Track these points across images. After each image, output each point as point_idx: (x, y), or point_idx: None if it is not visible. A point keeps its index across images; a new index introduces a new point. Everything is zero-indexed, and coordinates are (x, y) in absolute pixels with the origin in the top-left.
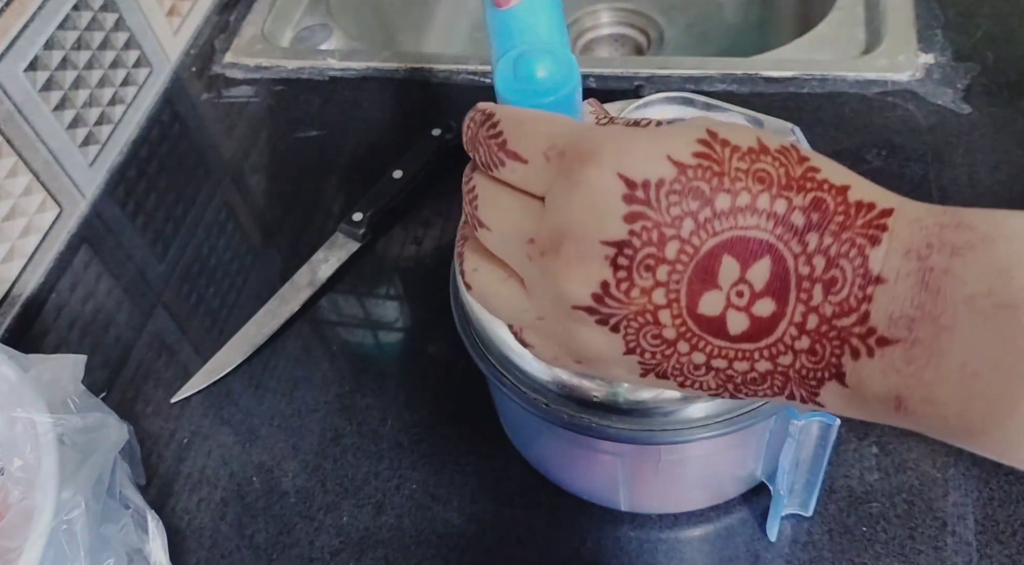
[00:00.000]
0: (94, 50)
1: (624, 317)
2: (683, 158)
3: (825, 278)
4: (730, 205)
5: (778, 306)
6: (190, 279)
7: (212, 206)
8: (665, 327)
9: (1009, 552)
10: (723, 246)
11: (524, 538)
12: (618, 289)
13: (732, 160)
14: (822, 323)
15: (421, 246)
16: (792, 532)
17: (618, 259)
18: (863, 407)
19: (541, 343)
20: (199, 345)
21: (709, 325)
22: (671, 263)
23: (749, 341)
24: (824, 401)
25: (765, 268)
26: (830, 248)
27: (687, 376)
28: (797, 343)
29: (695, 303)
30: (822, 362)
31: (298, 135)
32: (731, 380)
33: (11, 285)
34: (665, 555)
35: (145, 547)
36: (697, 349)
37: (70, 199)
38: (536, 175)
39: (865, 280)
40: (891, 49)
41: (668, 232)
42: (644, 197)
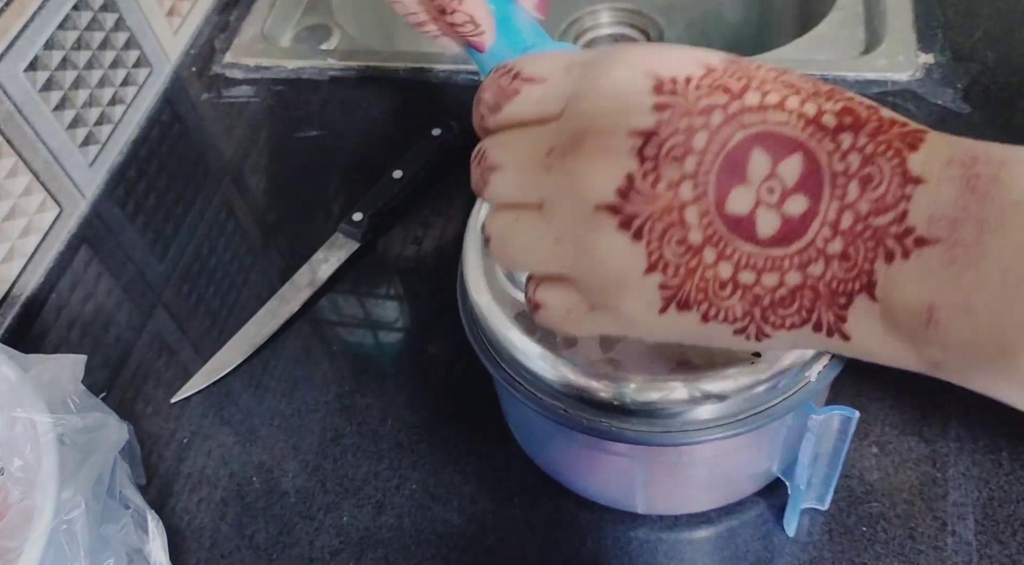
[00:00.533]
0: (94, 50)
1: (648, 218)
2: (713, 62)
3: (861, 174)
4: (759, 101)
5: (811, 203)
6: (190, 279)
7: (212, 206)
8: (691, 228)
9: (1009, 552)
10: (753, 139)
11: (524, 538)
12: (644, 181)
13: (760, 71)
14: (857, 221)
15: (421, 246)
16: (792, 531)
17: (645, 149)
18: (891, 331)
19: (554, 294)
20: (199, 345)
21: (738, 225)
22: (699, 153)
23: (779, 245)
24: (851, 329)
25: (797, 163)
26: (866, 147)
27: (711, 301)
28: (830, 246)
29: (723, 199)
30: (854, 269)
31: (298, 135)
32: (758, 302)
33: (11, 285)
34: (665, 555)
35: (145, 547)
36: (724, 257)
37: (70, 199)
38: (555, 90)
39: (904, 179)
40: (891, 49)
41: (697, 122)
42: (672, 89)
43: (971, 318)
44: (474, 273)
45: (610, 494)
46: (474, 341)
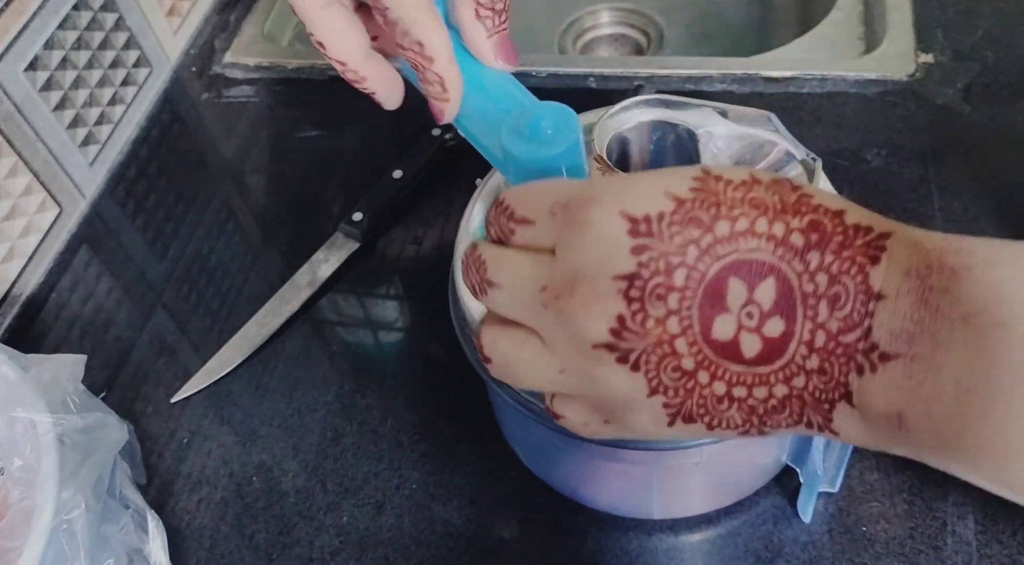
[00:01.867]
0: (94, 50)
1: (643, 351)
2: (680, 192)
3: (829, 294)
4: (730, 230)
5: (787, 325)
6: (190, 279)
7: (212, 206)
8: (683, 357)
9: (1009, 552)
10: (728, 269)
11: (524, 538)
12: (634, 321)
13: (727, 191)
14: (829, 340)
15: (421, 246)
16: (792, 531)
17: (630, 291)
18: (872, 430)
19: (571, 408)
20: (199, 345)
21: (724, 349)
22: (680, 290)
23: (764, 363)
24: (838, 427)
25: (771, 287)
26: (831, 266)
27: (712, 413)
28: (808, 362)
29: (708, 328)
30: (832, 381)
31: (298, 135)
32: (754, 411)
33: (11, 285)
34: (666, 554)
35: (145, 547)
36: (717, 378)
37: (70, 199)
38: (544, 231)
39: (867, 296)
40: (891, 49)
41: (674, 260)
42: (647, 230)
43: (934, 423)
44: None
45: (627, 504)
46: (468, 349)
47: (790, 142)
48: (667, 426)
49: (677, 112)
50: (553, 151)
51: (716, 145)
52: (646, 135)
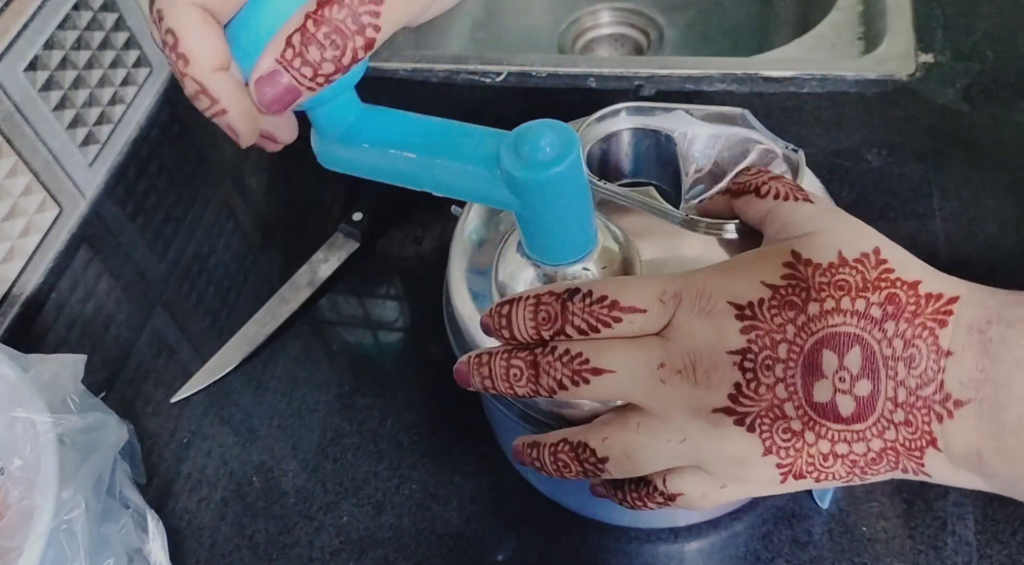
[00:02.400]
0: (94, 50)
1: (757, 414)
2: (774, 281)
3: (905, 356)
4: (820, 309)
5: (873, 384)
6: (190, 279)
7: (212, 206)
8: (791, 419)
9: (1009, 552)
10: (820, 342)
11: (524, 538)
12: (748, 388)
13: (815, 276)
14: (910, 395)
15: (421, 246)
16: (792, 531)
17: (744, 363)
18: (960, 471)
19: (687, 483)
20: (199, 345)
21: (824, 411)
22: (784, 361)
23: (859, 420)
24: (931, 471)
25: (857, 355)
26: (906, 332)
27: (820, 470)
28: (895, 416)
29: (810, 392)
30: (917, 431)
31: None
32: (856, 465)
33: (11, 285)
34: (666, 555)
35: (145, 547)
36: (821, 437)
37: (70, 199)
38: (654, 318)
39: (938, 354)
40: (891, 49)
41: (776, 337)
42: (752, 314)
43: (1005, 457)
44: (458, 285)
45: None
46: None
47: (768, 137)
48: (780, 484)
49: (651, 118)
50: (554, 170)
51: (696, 147)
52: (626, 142)
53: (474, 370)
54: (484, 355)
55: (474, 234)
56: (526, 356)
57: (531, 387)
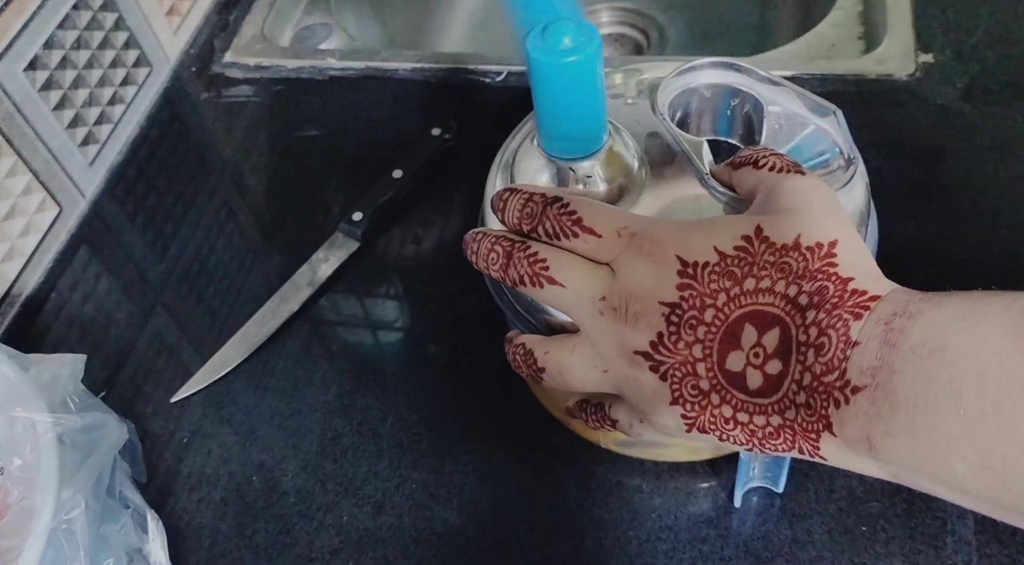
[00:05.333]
0: (94, 49)
1: (671, 365)
2: (726, 249)
3: (816, 343)
4: (755, 286)
5: (783, 365)
6: (190, 279)
7: (212, 206)
8: (701, 378)
9: (1009, 552)
10: (745, 316)
11: (524, 538)
12: (669, 340)
13: (764, 254)
14: (814, 379)
15: (421, 246)
16: (792, 531)
17: (671, 316)
18: (854, 454)
19: (621, 412)
20: (199, 345)
21: (733, 379)
22: (708, 325)
23: (762, 396)
24: (825, 454)
25: (775, 336)
26: (823, 321)
27: (721, 430)
28: (797, 397)
29: (723, 359)
30: (815, 415)
31: (298, 135)
32: (755, 435)
33: (11, 285)
34: (665, 555)
35: (145, 547)
36: (725, 402)
37: (70, 199)
38: (606, 247)
39: (846, 345)
40: (891, 49)
41: (708, 301)
42: (693, 274)
43: (893, 440)
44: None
45: None
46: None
47: (843, 141)
48: (685, 432)
49: (749, 80)
50: (568, 60)
51: (779, 123)
52: (716, 98)
53: (469, 242)
54: (480, 234)
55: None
56: (506, 245)
57: (500, 273)
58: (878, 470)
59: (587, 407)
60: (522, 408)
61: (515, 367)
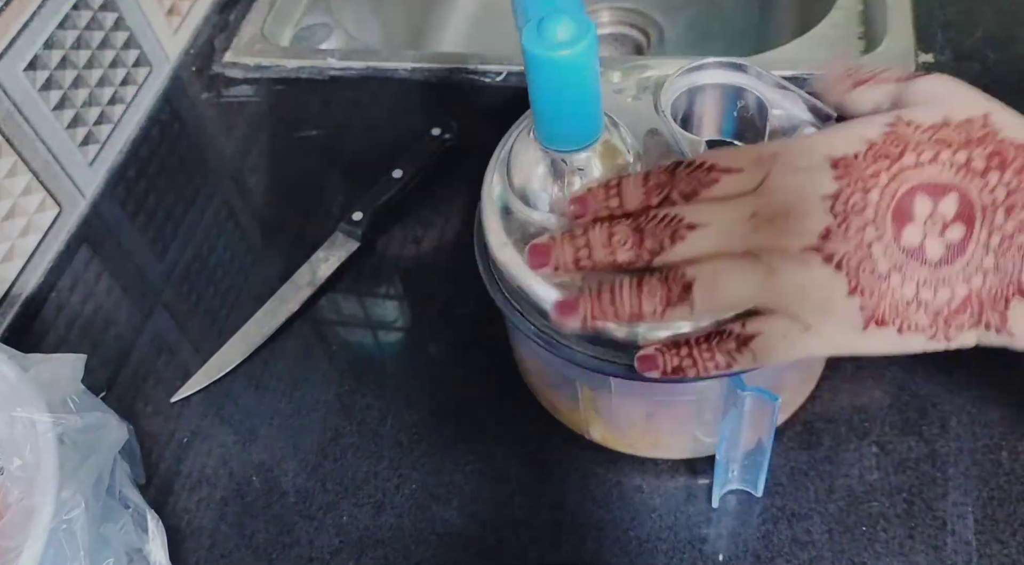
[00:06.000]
0: (94, 49)
1: (845, 253)
2: (873, 136)
3: (1006, 204)
4: (916, 160)
5: (967, 229)
6: (190, 279)
7: (212, 206)
8: (878, 261)
9: (1009, 552)
10: (914, 189)
11: (524, 538)
12: (839, 228)
13: (915, 133)
14: (1004, 240)
15: (421, 246)
16: (792, 531)
17: (835, 207)
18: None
19: (768, 323)
20: (199, 345)
21: (913, 253)
22: (875, 205)
23: (946, 265)
24: (1012, 327)
25: (953, 201)
26: (1011, 183)
27: (902, 317)
28: (985, 261)
29: (899, 234)
30: (1006, 278)
31: (298, 135)
32: (939, 315)
33: (11, 284)
34: (665, 554)
35: (145, 546)
36: (907, 279)
37: (70, 198)
38: (750, 176)
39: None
40: (891, 49)
41: (869, 183)
42: (846, 164)
43: None
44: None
45: None
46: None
47: None
48: (860, 330)
49: (755, 81)
50: (562, 53)
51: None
52: (721, 98)
53: (564, 244)
54: (577, 230)
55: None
56: (628, 223)
57: (635, 251)
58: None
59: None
60: (522, 408)
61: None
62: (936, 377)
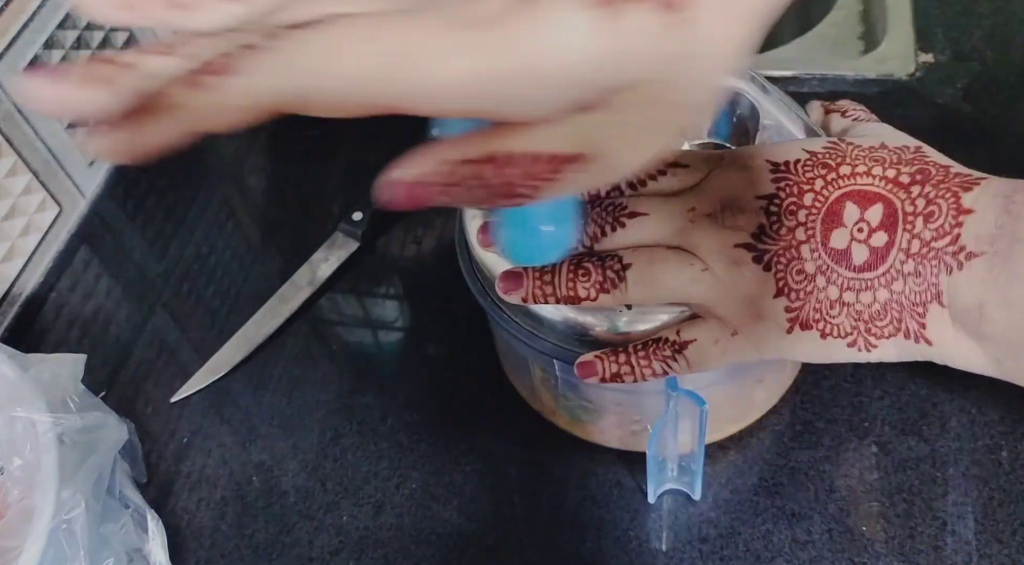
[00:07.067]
0: (94, 50)
1: (775, 253)
2: (815, 149)
3: (925, 212)
4: (851, 172)
5: (889, 236)
6: (190, 279)
7: (212, 206)
8: (806, 261)
9: (1009, 552)
10: (845, 196)
11: (524, 537)
12: (771, 229)
13: (854, 151)
14: (923, 246)
15: (421, 246)
16: (792, 531)
17: (770, 207)
18: (959, 331)
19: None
20: (199, 345)
21: (839, 256)
22: (808, 208)
23: (869, 270)
24: (930, 334)
25: (879, 210)
26: (929, 193)
27: (825, 319)
28: (905, 266)
29: (827, 237)
30: (925, 283)
31: (298, 135)
32: (861, 317)
33: (11, 284)
34: (665, 554)
35: (145, 546)
36: (831, 282)
37: (70, 198)
38: (693, 173)
39: (957, 211)
40: (891, 49)
41: (804, 188)
42: (786, 169)
43: (1009, 309)
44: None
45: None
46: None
47: None
48: (785, 333)
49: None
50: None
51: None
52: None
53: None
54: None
55: None
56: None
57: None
58: (981, 354)
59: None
60: (522, 408)
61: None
62: (936, 377)
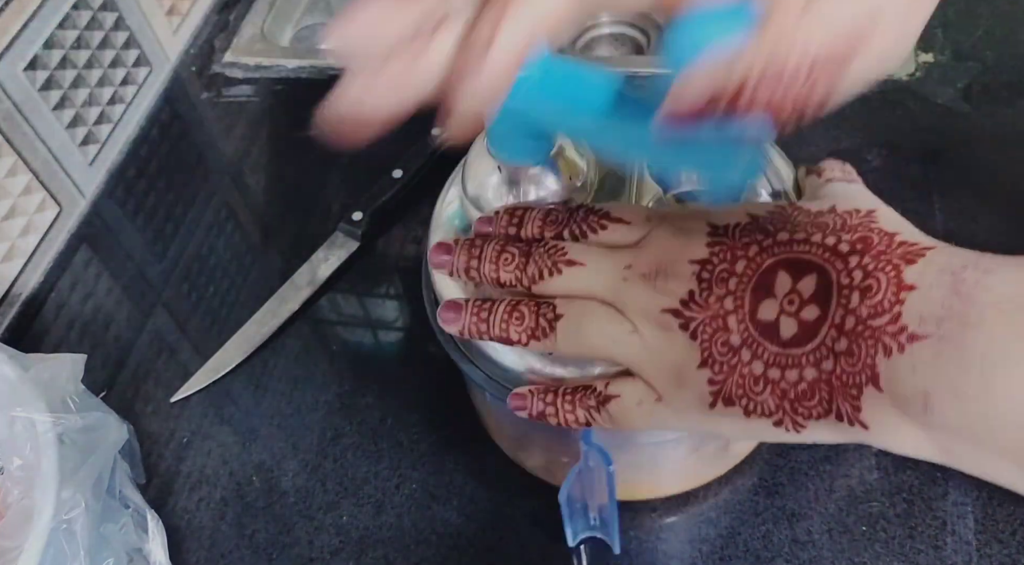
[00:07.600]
0: (93, 49)
1: (701, 321)
2: (758, 212)
3: (862, 286)
4: (789, 238)
5: (821, 310)
6: (190, 279)
7: (212, 206)
8: (731, 333)
9: (1009, 552)
10: (778, 264)
11: (524, 537)
12: (700, 296)
13: (798, 215)
14: (858, 323)
15: (421, 245)
16: (792, 531)
17: (702, 273)
18: (902, 418)
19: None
20: (199, 345)
21: (765, 329)
22: (739, 275)
23: (797, 345)
24: (867, 419)
25: (812, 281)
26: (868, 265)
27: (749, 396)
28: (837, 344)
29: (755, 309)
30: (859, 364)
31: (298, 135)
32: (786, 396)
33: (11, 284)
34: (665, 554)
35: (145, 546)
36: (756, 357)
37: (70, 198)
38: (635, 231)
39: (898, 287)
40: None
41: (739, 253)
42: (724, 233)
43: (960, 401)
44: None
45: None
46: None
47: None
48: (708, 407)
49: None
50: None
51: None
52: None
53: (461, 251)
54: (478, 240)
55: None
56: (521, 246)
57: (517, 272)
58: (926, 441)
59: (559, 391)
60: None
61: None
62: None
